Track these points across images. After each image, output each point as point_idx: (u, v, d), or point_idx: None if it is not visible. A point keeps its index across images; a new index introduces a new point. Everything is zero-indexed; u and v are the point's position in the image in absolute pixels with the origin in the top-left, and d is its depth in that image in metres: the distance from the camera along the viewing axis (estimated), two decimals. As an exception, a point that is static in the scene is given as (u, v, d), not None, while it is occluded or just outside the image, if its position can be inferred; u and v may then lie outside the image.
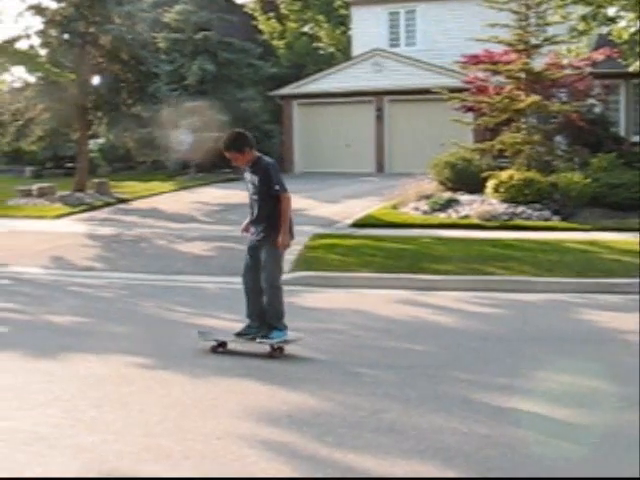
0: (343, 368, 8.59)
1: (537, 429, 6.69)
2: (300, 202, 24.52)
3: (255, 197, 9.39)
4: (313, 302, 12.36)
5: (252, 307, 9.47)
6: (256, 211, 9.43)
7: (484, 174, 21.50)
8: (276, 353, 9.16)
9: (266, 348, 9.18)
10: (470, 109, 24.77)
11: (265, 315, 9.36)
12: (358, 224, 19.99)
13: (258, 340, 9.27)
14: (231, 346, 9.38)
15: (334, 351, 9.40)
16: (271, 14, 44.95)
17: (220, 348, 9.35)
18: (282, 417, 7.02)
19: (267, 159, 9.46)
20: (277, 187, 9.19)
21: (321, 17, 44.68)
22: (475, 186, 21.65)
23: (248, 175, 9.45)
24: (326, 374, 8.34)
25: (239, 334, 9.43)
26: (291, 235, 9.36)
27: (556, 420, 6.94)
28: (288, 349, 9.31)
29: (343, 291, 13.27)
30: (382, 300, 12.44)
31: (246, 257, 9.56)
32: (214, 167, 36.45)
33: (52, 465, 6.06)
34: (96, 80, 28.42)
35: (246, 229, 9.76)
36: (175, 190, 29.85)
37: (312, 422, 6.88)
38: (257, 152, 9.43)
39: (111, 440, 6.52)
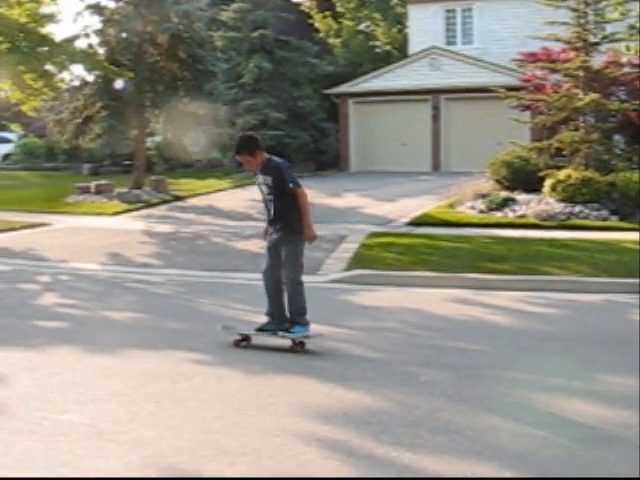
0: (399, 367, 8.58)
1: (595, 431, 6.63)
2: (356, 200, 24.61)
3: (270, 197, 9.52)
4: (369, 300, 12.36)
5: (272, 305, 9.63)
6: (272, 211, 9.57)
7: (541, 173, 21.31)
8: (297, 348, 9.28)
9: (288, 343, 9.32)
10: (527, 107, 24.60)
11: (284, 313, 9.53)
12: (414, 223, 19.93)
13: (280, 334, 9.39)
14: (254, 341, 9.56)
15: (390, 350, 9.39)
16: (327, 12, 44.90)
17: (244, 342, 9.56)
18: (338, 415, 7.04)
19: (277, 159, 9.65)
20: (291, 184, 9.36)
21: (377, 15, 44.51)
22: (532, 185, 21.46)
23: (260, 177, 9.58)
24: (382, 373, 8.34)
25: (260, 329, 9.58)
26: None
27: (615, 422, 6.87)
28: (344, 347, 9.34)
29: (399, 290, 13.24)
30: (438, 299, 12.40)
31: (266, 256, 9.71)
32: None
33: (111, 459, 6.12)
34: (154, 78, 28.55)
35: (266, 232, 9.87)
36: (231, 188, 29.96)
37: (368, 420, 6.88)
38: (267, 154, 9.58)
39: (169, 435, 6.58)
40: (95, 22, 28.62)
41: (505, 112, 25.01)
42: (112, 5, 28.59)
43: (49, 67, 26.01)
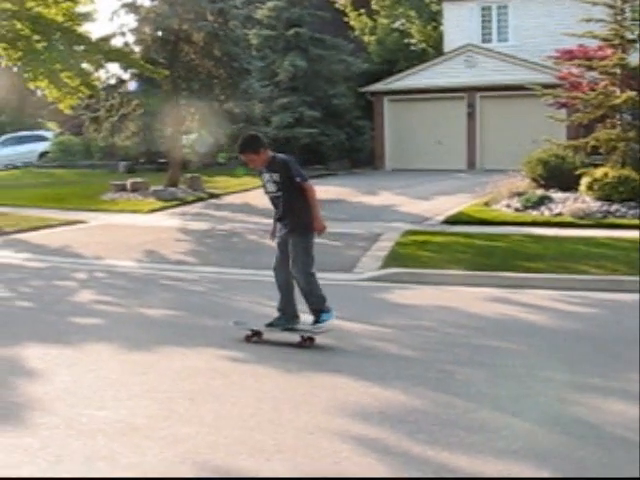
0: (434, 365, 8.56)
1: (633, 432, 6.59)
2: (391, 199, 24.60)
3: (279, 194, 9.57)
4: (404, 299, 12.34)
5: (284, 301, 9.73)
6: (281, 207, 9.63)
7: (578, 171, 21.18)
8: (306, 343, 9.38)
9: (296, 338, 9.46)
10: (563, 105, 24.45)
11: (295, 308, 9.73)
12: (449, 221, 19.87)
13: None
14: (266, 336, 9.69)
15: (425, 348, 9.38)
16: (362, 10, 44.89)
17: (255, 337, 9.68)
18: (374, 413, 7.04)
19: (282, 156, 9.73)
20: (299, 178, 9.42)
21: (412, 13, 44.44)
22: (568, 183, 21.32)
23: (267, 175, 9.61)
24: (418, 371, 8.32)
25: (270, 325, 9.68)
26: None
27: (652, 422, 6.83)
28: (380, 345, 9.35)
29: (434, 288, 13.21)
30: (473, 298, 12.36)
31: (277, 252, 9.78)
32: (306, 163, 36.60)
33: (148, 455, 6.17)
34: (189, 76, 28.68)
35: (273, 232, 10.00)
36: (266, 185, 29.99)
37: (404, 419, 6.88)
38: (270, 152, 9.67)
39: (205, 432, 6.61)
40: (131, 21, 28.92)
41: (541, 110, 24.93)
42: (147, 4, 28.79)
43: (85, 65, 26.21)
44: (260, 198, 25.71)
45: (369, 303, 12.06)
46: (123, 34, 28.28)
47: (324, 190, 27.35)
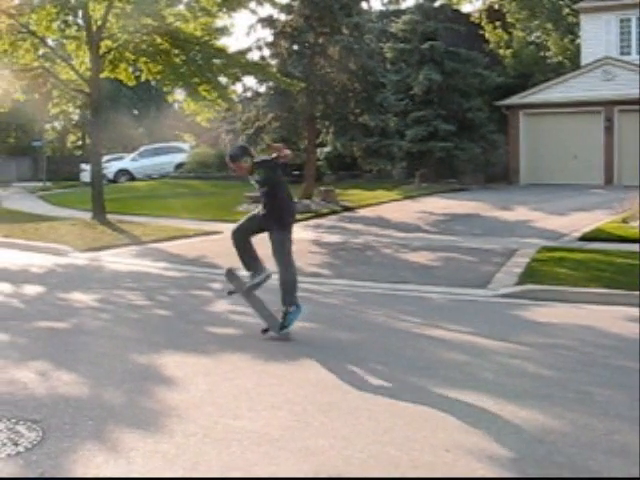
0: (573, 385, 8.36)
1: None
2: (527, 214, 24.28)
3: (262, 190, 11.12)
4: (540, 316, 12.11)
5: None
6: (262, 200, 11.24)
7: None
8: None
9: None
10: None
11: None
12: (586, 237, 19.45)
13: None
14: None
15: (564, 367, 9.18)
16: (497, 23, 44.54)
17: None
18: (510, 432, 6.91)
19: (263, 157, 11.38)
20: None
21: (549, 25, 43.91)
22: None
23: (251, 178, 11.10)
24: (556, 391, 8.14)
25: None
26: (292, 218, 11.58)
27: None
28: (516, 363, 9.21)
29: (571, 306, 12.92)
30: (612, 317, 12.04)
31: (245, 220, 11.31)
32: (439, 177, 36.48)
33: (283, 466, 6.17)
34: (325, 90, 28.88)
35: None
36: (400, 199, 30.05)
37: (542, 439, 6.73)
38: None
39: (340, 446, 6.59)
40: (267, 35, 29.25)
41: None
42: (284, 18, 29.08)
43: (222, 79, 26.71)
44: (394, 212, 25.91)
45: (505, 320, 11.87)
46: (260, 48, 28.73)
47: (458, 204, 27.30)
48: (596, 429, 7.00)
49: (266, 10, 31.58)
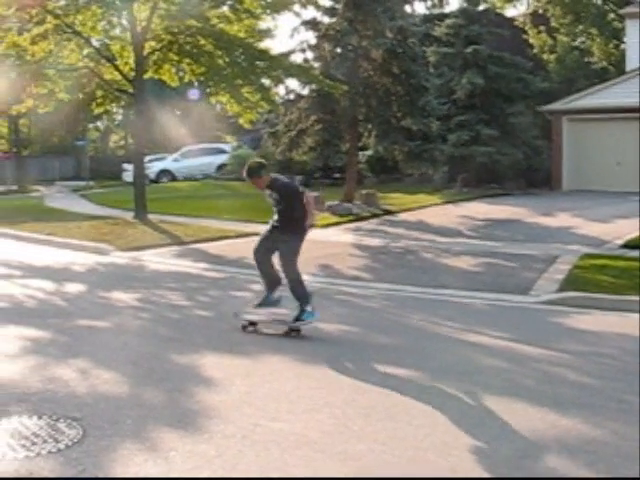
0: (615, 394, 8.28)
1: None
2: (568, 220, 24.10)
3: (278, 207, 11.34)
4: (582, 324, 12.00)
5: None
6: (277, 217, 11.38)
7: None
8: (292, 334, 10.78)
9: (284, 329, 10.88)
10: None
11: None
12: (629, 245, 19.22)
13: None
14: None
15: (605, 376, 9.08)
16: (541, 27, 44.26)
17: (250, 327, 11.09)
18: (551, 441, 6.85)
19: (282, 181, 11.52)
20: (302, 195, 11.08)
21: (594, 30, 43.58)
22: None
23: (267, 192, 11.32)
24: (597, 400, 8.06)
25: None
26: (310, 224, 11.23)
27: None
28: (557, 371, 9.13)
29: (613, 314, 12.78)
30: (655, 325, 11.92)
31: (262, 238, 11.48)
32: (480, 182, 36.31)
33: (321, 470, 6.17)
34: (367, 93, 28.84)
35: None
36: (442, 203, 29.97)
37: (583, 448, 6.67)
38: (272, 175, 11.47)
39: (379, 450, 6.57)
40: (310, 37, 29.32)
41: None
42: (327, 20, 29.08)
43: (265, 81, 26.76)
44: (435, 216, 25.82)
45: (546, 327, 11.78)
46: (303, 50, 28.74)
47: (500, 209, 27.15)
48: (638, 439, 6.91)
49: (310, 13, 31.84)
